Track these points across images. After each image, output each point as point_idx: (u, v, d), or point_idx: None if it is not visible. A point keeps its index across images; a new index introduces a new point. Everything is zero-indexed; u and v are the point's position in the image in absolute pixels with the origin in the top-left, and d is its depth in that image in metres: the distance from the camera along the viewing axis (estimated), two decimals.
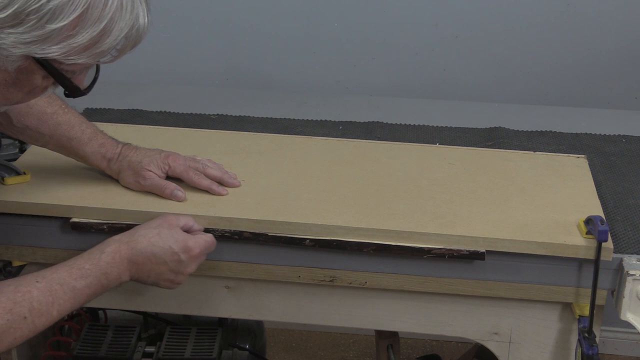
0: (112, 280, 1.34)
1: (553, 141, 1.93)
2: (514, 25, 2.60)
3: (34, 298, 1.25)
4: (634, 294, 1.39)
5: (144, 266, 1.36)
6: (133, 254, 1.35)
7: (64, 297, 1.28)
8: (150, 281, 1.38)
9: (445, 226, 1.43)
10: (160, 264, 1.36)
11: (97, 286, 1.32)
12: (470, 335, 1.51)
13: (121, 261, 1.34)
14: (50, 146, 1.53)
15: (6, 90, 1.18)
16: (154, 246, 1.36)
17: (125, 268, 1.35)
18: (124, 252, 1.34)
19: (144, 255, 1.35)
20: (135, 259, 1.35)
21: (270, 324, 2.18)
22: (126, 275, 1.35)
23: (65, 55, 1.13)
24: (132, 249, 1.35)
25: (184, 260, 1.37)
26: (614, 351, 2.81)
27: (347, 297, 1.49)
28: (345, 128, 1.99)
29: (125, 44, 1.18)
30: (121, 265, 1.34)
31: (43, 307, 1.26)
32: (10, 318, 1.23)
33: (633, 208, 1.61)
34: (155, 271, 1.37)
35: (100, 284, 1.32)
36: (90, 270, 1.31)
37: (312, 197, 1.52)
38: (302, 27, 2.65)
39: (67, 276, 1.29)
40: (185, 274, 1.39)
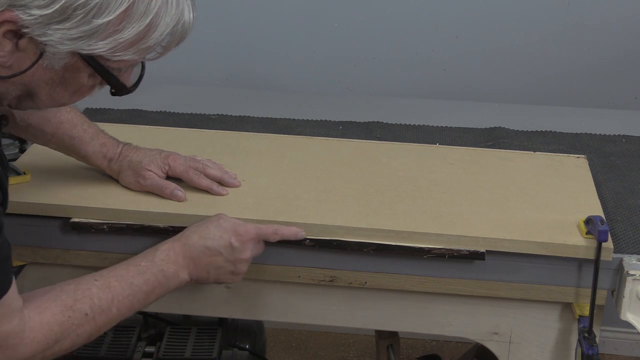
0: (170, 278, 1.33)
1: (553, 141, 1.93)
2: (514, 26, 2.60)
3: (93, 295, 1.25)
4: (634, 294, 1.39)
5: (200, 260, 1.35)
6: (187, 250, 1.34)
7: (122, 293, 1.28)
8: (211, 278, 1.37)
9: (445, 226, 1.43)
10: (215, 255, 1.35)
11: (154, 284, 1.31)
12: (470, 335, 1.51)
13: (176, 257, 1.34)
14: (51, 145, 1.53)
15: (52, 90, 1.19)
16: (205, 239, 1.35)
17: (182, 265, 1.34)
18: (177, 249, 1.34)
19: (197, 249, 1.35)
20: (189, 254, 1.34)
21: (270, 324, 2.18)
22: (184, 273, 1.34)
23: (111, 52, 1.14)
24: (185, 245, 1.34)
25: (237, 246, 1.36)
26: (614, 351, 2.81)
27: (347, 297, 1.49)
28: (345, 128, 1.99)
29: (171, 40, 1.19)
30: (177, 262, 1.34)
31: (103, 304, 1.26)
32: (71, 315, 1.23)
33: (633, 208, 1.61)
34: (213, 265, 1.36)
35: (158, 282, 1.32)
36: (147, 267, 1.31)
37: (312, 197, 1.52)
38: (302, 27, 2.65)
39: (124, 273, 1.30)
40: (243, 260, 1.37)
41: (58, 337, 1.23)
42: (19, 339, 1.19)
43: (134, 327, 1.73)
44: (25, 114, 1.47)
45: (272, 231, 1.40)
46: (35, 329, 1.21)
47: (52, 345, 1.23)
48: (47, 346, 1.22)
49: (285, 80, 2.70)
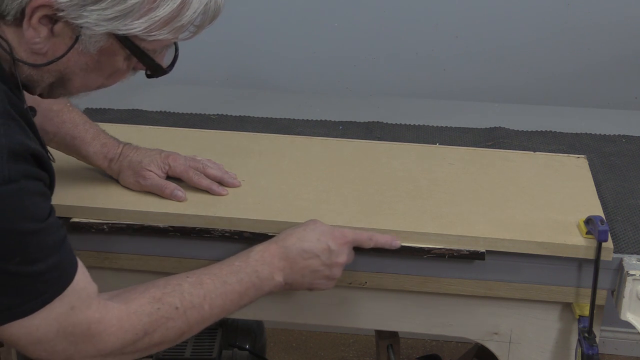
0: (264, 280, 1.31)
1: (553, 141, 1.93)
2: (514, 25, 2.60)
3: (184, 290, 1.24)
4: (634, 294, 1.39)
5: (297, 263, 1.33)
6: (283, 252, 1.32)
7: (215, 291, 1.26)
8: (305, 282, 1.34)
9: (445, 226, 1.43)
10: (312, 258, 1.33)
11: (248, 284, 1.29)
12: (470, 335, 1.51)
13: (271, 259, 1.32)
14: (53, 144, 1.53)
15: (87, 76, 1.19)
16: (302, 241, 1.33)
17: (277, 267, 1.32)
18: (273, 250, 1.32)
19: (294, 251, 1.33)
20: (285, 256, 1.32)
21: (270, 324, 2.18)
22: (279, 275, 1.32)
23: (147, 31, 1.14)
24: (281, 247, 1.33)
25: (334, 249, 1.34)
26: (614, 351, 2.81)
27: (347, 297, 1.49)
28: (345, 128, 1.99)
29: (204, 18, 1.19)
30: (272, 264, 1.32)
31: (194, 300, 1.24)
32: (160, 307, 1.21)
33: (633, 208, 1.61)
34: (309, 268, 1.33)
35: (252, 283, 1.30)
36: (240, 267, 1.29)
37: (312, 197, 1.52)
38: (302, 27, 2.65)
39: (217, 271, 1.28)
40: (339, 265, 1.35)
41: (147, 329, 1.20)
42: (102, 327, 1.17)
43: None
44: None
45: (368, 237, 1.37)
46: (122, 318, 1.19)
47: (141, 337, 1.20)
48: (136, 337, 1.20)
49: (285, 80, 2.70)
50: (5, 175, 1.05)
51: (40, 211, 1.11)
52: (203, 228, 1.44)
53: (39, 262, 1.11)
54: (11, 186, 1.06)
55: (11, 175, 1.05)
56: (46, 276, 1.13)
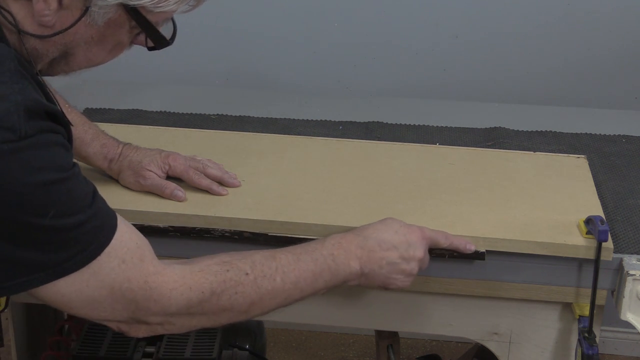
0: (340, 265, 1.27)
1: (553, 141, 1.93)
2: (514, 25, 2.60)
3: (256, 260, 1.21)
4: (634, 294, 1.39)
5: (374, 253, 1.30)
6: (360, 240, 1.30)
7: (288, 266, 1.23)
8: (382, 275, 1.30)
9: (445, 226, 1.43)
10: (391, 249, 1.31)
11: (323, 266, 1.26)
12: (470, 335, 1.51)
13: (348, 245, 1.29)
14: None
15: (90, 49, 1.18)
16: (380, 232, 1.31)
17: (354, 254, 1.29)
18: (350, 237, 1.30)
19: (372, 240, 1.30)
20: (363, 244, 1.29)
21: (270, 324, 2.18)
22: (356, 262, 1.28)
23: (155, 2, 1.15)
24: (359, 236, 1.30)
25: (412, 243, 1.32)
26: (614, 351, 2.81)
27: (347, 297, 1.49)
28: (345, 128, 1.99)
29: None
30: (349, 250, 1.29)
31: (266, 270, 1.21)
32: (230, 269, 1.19)
33: (633, 208, 1.61)
34: (387, 259, 1.30)
35: (327, 265, 1.26)
36: (316, 248, 1.27)
37: (312, 197, 1.52)
38: (302, 27, 2.65)
39: (291, 249, 1.26)
40: (417, 259, 1.32)
41: (214, 288, 1.17)
42: (162, 280, 1.15)
43: None
44: None
45: (444, 237, 1.36)
46: (185, 275, 1.17)
47: (208, 297, 1.17)
48: (202, 297, 1.17)
49: (285, 80, 2.70)
50: (23, 132, 1.03)
51: (63, 160, 1.09)
52: (203, 228, 1.44)
53: (75, 213, 1.09)
54: (29, 140, 1.04)
55: (28, 132, 1.03)
56: (86, 227, 1.10)
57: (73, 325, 1.77)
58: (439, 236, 1.36)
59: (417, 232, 1.33)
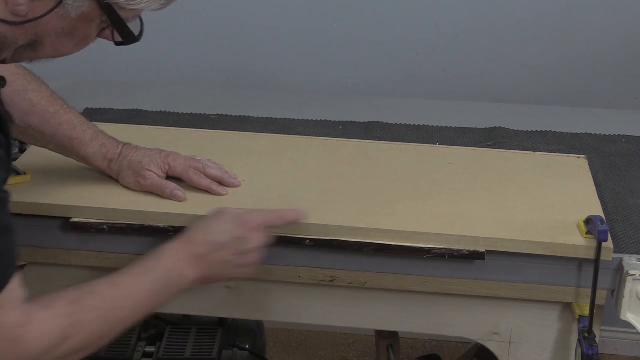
0: (177, 277, 1.31)
1: (553, 141, 1.93)
2: (513, 25, 2.60)
3: (102, 290, 1.24)
4: (634, 294, 1.39)
5: (208, 256, 1.33)
6: (193, 247, 1.32)
7: (130, 290, 1.27)
8: (222, 274, 1.35)
9: (445, 226, 1.43)
10: (223, 248, 1.33)
11: (162, 283, 1.30)
12: (470, 335, 1.51)
13: (184, 257, 1.32)
14: (51, 146, 1.53)
15: (59, 40, 1.18)
16: (208, 234, 1.34)
17: (189, 264, 1.32)
18: (181, 248, 1.32)
19: (203, 244, 1.33)
20: (196, 252, 1.32)
21: (270, 324, 2.18)
22: (192, 272, 1.32)
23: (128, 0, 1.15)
24: (191, 243, 1.33)
25: (243, 237, 1.34)
26: (614, 351, 2.81)
27: (347, 297, 1.49)
28: (345, 128, 1.99)
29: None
30: (184, 261, 1.32)
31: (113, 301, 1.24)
32: (79, 309, 1.21)
33: (633, 208, 1.61)
34: (220, 260, 1.33)
35: (166, 281, 1.30)
36: (154, 266, 1.30)
37: (312, 197, 1.52)
38: (302, 27, 2.65)
39: (131, 271, 1.28)
40: (252, 251, 1.35)
41: (67, 333, 1.20)
42: (25, 332, 1.16)
43: (134, 327, 1.73)
44: (24, 115, 1.46)
45: (276, 216, 1.38)
46: (42, 323, 1.18)
47: (62, 342, 1.20)
48: (57, 342, 1.19)
49: (286, 80, 2.70)
50: None
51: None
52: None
53: None
54: None
55: None
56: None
57: None
58: (271, 218, 1.37)
59: (247, 223, 1.35)
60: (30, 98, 1.46)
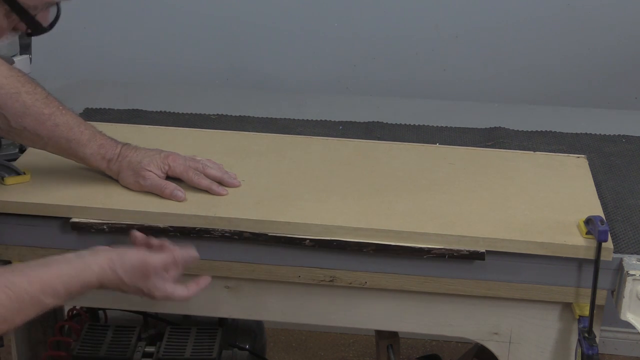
0: None
1: (553, 141, 1.93)
2: (514, 25, 2.60)
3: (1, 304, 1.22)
4: (634, 294, 1.39)
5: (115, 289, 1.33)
6: (107, 275, 1.31)
7: (31, 309, 1.25)
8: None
9: (445, 226, 1.43)
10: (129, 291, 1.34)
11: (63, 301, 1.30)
12: (470, 335, 1.51)
13: (97, 280, 1.30)
14: (49, 148, 1.52)
15: None
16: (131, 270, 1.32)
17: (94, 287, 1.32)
18: (102, 276, 1.30)
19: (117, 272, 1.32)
20: (107, 286, 1.31)
21: (270, 324, 2.18)
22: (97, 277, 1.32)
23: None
24: (112, 272, 1.31)
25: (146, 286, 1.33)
26: (614, 351, 2.81)
27: (347, 297, 1.49)
28: (345, 128, 1.99)
29: None
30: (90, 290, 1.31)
31: (8, 314, 1.23)
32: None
33: (633, 208, 1.61)
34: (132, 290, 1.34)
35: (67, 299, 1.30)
36: (63, 293, 1.27)
37: (312, 197, 1.52)
38: (302, 27, 2.65)
39: (39, 292, 1.25)
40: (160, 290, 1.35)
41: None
42: None
43: (134, 327, 1.73)
44: (18, 117, 1.46)
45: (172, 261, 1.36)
46: None
47: None
48: None
49: (285, 80, 2.70)
50: None
51: None
52: (203, 228, 1.44)
53: None
54: None
55: None
56: None
57: (73, 325, 1.77)
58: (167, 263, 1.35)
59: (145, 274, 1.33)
60: (24, 100, 1.45)
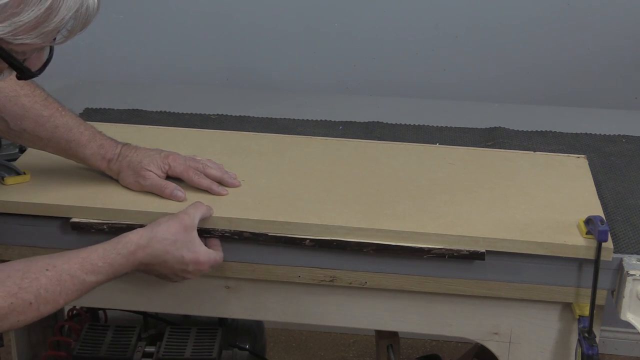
0: (120, 276, 1.35)
1: (553, 141, 1.93)
2: (514, 25, 2.60)
3: (41, 286, 1.25)
4: (634, 294, 1.39)
5: (153, 267, 1.37)
6: (147, 258, 1.35)
7: (72, 288, 1.28)
8: (149, 274, 1.40)
9: (445, 226, 1.43)
10: (168, 268, 1.37)
11: (105, 281, 1.32)
12: (470, 335, 1.51)
13: (134, 262, 1.34)
14: (49, 149, 1.52)
15: None
16: (167, 254, 1.36)
17: (135, 268, 1.35)
18: (139, 256, 1.34)
19: (157, 259, 1.36)
20: (147, 261, 1.35)
21: (270, 324, 2.18)
22: (133, 271, 1.36)
23: (12, 35, 1.10)
24: (148, 255, 1.35)
25: (190, 271, 1.39)
26: (614, 351, 2.81)
27: (347, 297, 1.49)
28: (345, 128, 1.99)
29: (75, 24, 1.14)
30: (132, 266, 1.35)
31: (50, 296, 1.25)
32: (14, 302, 1.22)
33: (633, 208, 1.61)
34: (159, 271, 1.38)
35: (109, 279, 1.33)
36: (103, 268, 1.31)
37: (312, 197, 1.52)
38: (302, 27, 2.65)
39: (78, 269, 1.29)
40: (185, 279, 1.41)
41: None
42: None
43: (134, 327, 1.73)
44: (18, 120, 1.46)
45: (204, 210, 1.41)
46: None
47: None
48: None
49: (285, 80, 2.70)
50: None
51: None
52: (203, 228, 1.44)
53: None
54: None
55: None
56: None
57: (73, 325, 1.77)
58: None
59: (202, 263, 1.40)
60: (23, 103, 1.46)
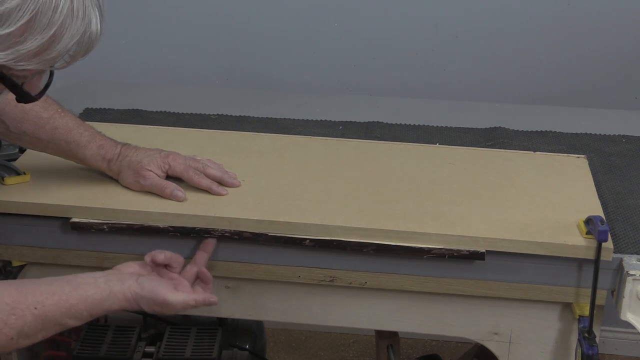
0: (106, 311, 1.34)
1: (553, 141, 1.93)
2: (513, 25, 2.60)
3: (26, 323, 1.25)
4: (634, 294, 1.39)
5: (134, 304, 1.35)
6: (129, 304, 1.33)
7: (53, 329, 1.28)
8: None
9: (445, 226, 1.43)
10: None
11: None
12: (470, 335, 1.51)
13: (119, 307, 1.33)
14: (49, 151, 1.52)
15: None
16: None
17: (124, 307, 1.34)
18: (124, 305, 1.33)
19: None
20: (130, 306, 1.34)
21: (270, 324, 2.18)
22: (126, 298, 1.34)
23: (14, 61, 1.10)
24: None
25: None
26: (614, 351, 2.81)
27: (347, 297, 1.49)
28: (345, 128, 1.99)
29: (78, 49, 1.15)
30: (121, 306, 1.33)
31: (31, 332, 1.25)
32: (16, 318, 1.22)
33: (633, 208, 1.61)
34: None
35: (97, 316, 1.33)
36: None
37: (312, 197, 1.52)
38: (302, 27, 2.65)
39: (65, 314, 1.28)
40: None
41: None
42: None
43: (134, 327, 1.73)
44: (17, 122, 1.46)
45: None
46: None
47: None
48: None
49: (285, 80, 2.70)
50: None
51: None
52: (203, 228, 1.44)
53: None
54: None
55: None
56: None
57: None
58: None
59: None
60: (22, 105, 1.46)
